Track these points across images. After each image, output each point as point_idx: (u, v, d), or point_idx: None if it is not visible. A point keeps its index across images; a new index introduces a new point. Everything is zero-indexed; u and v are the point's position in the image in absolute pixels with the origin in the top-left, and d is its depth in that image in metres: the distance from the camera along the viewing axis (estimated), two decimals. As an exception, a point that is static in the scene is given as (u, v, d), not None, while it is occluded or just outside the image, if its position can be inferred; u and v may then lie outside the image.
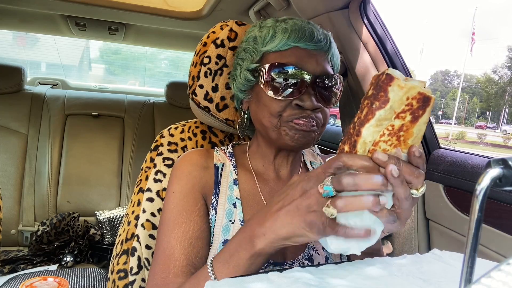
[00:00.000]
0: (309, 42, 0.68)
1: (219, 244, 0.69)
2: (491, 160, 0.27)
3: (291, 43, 0.68)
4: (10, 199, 1.85)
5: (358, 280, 0.45)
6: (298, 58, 0.68)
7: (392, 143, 0.42)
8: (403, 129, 0.41)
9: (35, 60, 5.43)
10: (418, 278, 0.46)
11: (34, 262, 1.73)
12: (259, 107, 0.72)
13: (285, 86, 0.67)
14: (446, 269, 0.50)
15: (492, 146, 29.68)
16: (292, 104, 0.67)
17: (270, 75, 0.68)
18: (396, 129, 0.41)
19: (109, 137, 2.10)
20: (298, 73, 0.67)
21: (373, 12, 1.20)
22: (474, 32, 34.88)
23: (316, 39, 0.68)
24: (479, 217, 0.26)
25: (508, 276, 0.22)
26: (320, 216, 0.45)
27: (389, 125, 0.41)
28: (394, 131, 0.42)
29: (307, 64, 0.68)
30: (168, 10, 1.85)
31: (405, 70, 1.21)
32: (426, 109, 0.41)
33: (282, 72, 0.67)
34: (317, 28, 0.71)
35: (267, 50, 0.70)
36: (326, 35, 0.71)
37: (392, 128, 0.42)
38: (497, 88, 55.90)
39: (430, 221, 1.18)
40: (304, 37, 0.68)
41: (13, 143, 1.91)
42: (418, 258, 0.52)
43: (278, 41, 0.69)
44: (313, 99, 0.66)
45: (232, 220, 0.71)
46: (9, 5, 1.93)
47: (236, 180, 0.75)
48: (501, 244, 0.92)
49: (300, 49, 0.68)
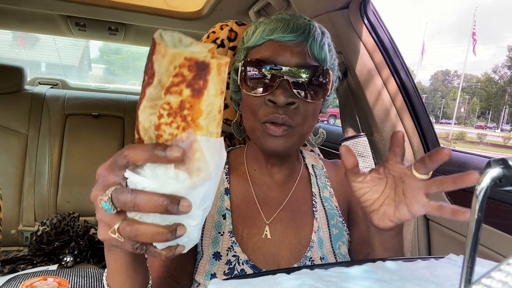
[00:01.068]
0: (282, 33, 0.65)
1: (209, 256, 0.68)
2: (491, 160, 0.27)
3: (265, 37, 0.66)
4: (10, 199, 1.85)
5: (368, 283, 0.43)
6: (272, 52, 0.65)
7: (178, 125, 0.33)
8: (186, 106, 0.33)
9: (35, 60, 5.43)
10: (431, 282, 0.44)
11: (34, 262, 1.73)
12: (243, 107, 0.71)
13: (258, 82, 0.65)
14: (460, 274, 0.49)
15: (492, 146, 29.68)
16: (266, 101, 0.64)
17: (245, 72, 0.66)
18: (176, 107, 0.33)
19: (109, 137, 2.10)
20: (270, 68, 0.64)
21: (373, 12, 1.20)
22: (474, 32, 34.87)
23: (290, 29, 0.64)
24: (479, 217, 0.26)
25: (508, 276, 0.22)
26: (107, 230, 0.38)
27: (164, 103, 0.33)
28: (173, 110, 0.33)
29: (280, 57, 0.64)
30: (168, 10, 1.85)
31: (405, 70, 1.21)
32: (207, 77, 0.32)
33: (254, 67, 0.65)
34: (298, 18, 0.67)
35: (247, 46, 0.69)
36: (305, 25, 0.66)
37: (169, 107, 0.33)
38: (497, 88, 55.89)
39: (430, 221, 1.18)
40: (278, 29, 0.65)
41: (13, 143, 1.91)
42: (432, 263, 0.51)
43: (255, 36, 0.67)
44: (286, 93, 0.62)
45: (221, 232, 0.69)
46: (9, 5, 1.93)
47: (227, 190, 0.73)
48: (501, 244, 0.92)
49: (273, 42, 0.65)
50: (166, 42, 0.33)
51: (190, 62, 0.31)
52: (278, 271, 0.46)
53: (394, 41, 1.22)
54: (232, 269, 0.66)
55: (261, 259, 0.68)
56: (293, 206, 0.74)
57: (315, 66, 0.65)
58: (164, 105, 0.33)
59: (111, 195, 0.35)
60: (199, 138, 0.33)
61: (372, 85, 1.20)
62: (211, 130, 0.34)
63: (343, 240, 0.75)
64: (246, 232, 0.70)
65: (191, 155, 0.34)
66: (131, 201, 0.34)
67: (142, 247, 0.37)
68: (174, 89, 0.32)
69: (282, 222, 0.72)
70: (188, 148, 0.33)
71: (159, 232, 0.35)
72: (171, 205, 0.33)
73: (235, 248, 0.68)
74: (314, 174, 0.81)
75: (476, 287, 0.23)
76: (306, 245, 0.71)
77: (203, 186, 0.35)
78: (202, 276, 0.67)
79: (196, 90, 0.32)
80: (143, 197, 0.34)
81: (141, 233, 0.35)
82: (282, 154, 0.71)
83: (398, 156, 0.51)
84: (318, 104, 0.69)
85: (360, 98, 1.25)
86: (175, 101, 0.33)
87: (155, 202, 0.33)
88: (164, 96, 0.33)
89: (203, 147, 0.34)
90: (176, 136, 0.34)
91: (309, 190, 0.78)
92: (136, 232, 0.35)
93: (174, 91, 0.32)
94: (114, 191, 0.35)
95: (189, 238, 0.38)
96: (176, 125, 0.33)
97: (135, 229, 0.35)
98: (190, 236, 0.37)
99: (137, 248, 0.37)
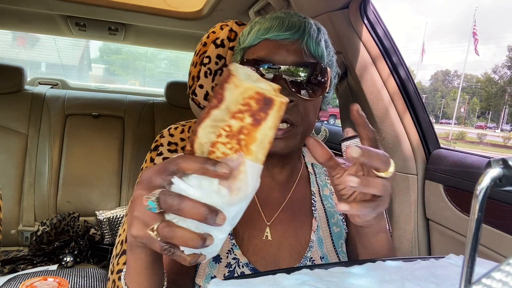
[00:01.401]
0: (277, 32, 0.64)
1: (209, 259, 0.67)
2: (491, 160, 0.27)
3: (260, 36, 0.65)
4: (10, 199, 1.85)
5: (368, 283, 0.43)
6: (268, 51, 0.64)
7: (232, 146, 0.38)
8: (244, 132, 0.37)
9: (35, 60, 5.43)
10: (431, 282, 0.44)
11: (34, 262, 1.73)
12: None
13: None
14: (460, 273, 0.49)
15: (492, 146, 29.68)
16: None
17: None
18: (235, 131, 0.38)
19: (109, 137, 2.10)
20: (268, 67, 0.63)
21: (373, 12, 1.20)
22: (475, 32, 34.87)
23: (285, 28, 0.64)
24: (479, 217, 0.26)
25: (508, 276, 0.22)
26: (143, 228, 0.40)
27: (225, 125, 0.38)
28: (232, 133, 0.38)
29: (276, 56, 0.64)
30: (168, 10, 1.85)
31: (405, 70, 1.21)
32: (268, 111, 0.37)
33: (251, 68, 0.63)
34: (295, 17, 0.66)
35: (243, 46, 0.68)
36: (300, 22, 0.65)
37: (229, 130, 0.38)
38: (497, 88, 55.90)
39: (430, 221, 1.18)
40: (273, 28, 0.64)
41: (13, 143, 1.91)
42: (432, 263, 0.51)
43: (251, 36, 0.66)
44: (284, 93, 0.59)
45: None
46: (9, 5, 1.93)
47: None
48: (501, 244, 0.92)
49: (269, 41, 0.65)
50: (239, 75, 0.37)
51: (259, 96, 0.37)
52: (278, 271, 0.46)
53: (394, 41, 1.22)
54: (232, 272, 0.66)
55: (261, 261, 0.68)
56: (293, 206, 0.73)
57: (312, 64, 0.65)
58: (226, 127, 0.38)
59: (159, 196, 0.38)
60: (247, 162, 0.38)
61: (372, 85, 1.20)
62: (259, 157, 0.38)
63: (344, 238, 0.75)
64: (246, 234, 0.69)
65: (236, 174, 0.38)
66: (177, 204, 0.37)
67: (170, 249, 0.39)
68: (239, 115, 0.37)
69: (283, 223, 0.71)
70: (235, 168, 0.38)
71: (192, 238, 0.37)
72: (210, 216, 0.36)
73: (235, 251, 0.68)
74: (314, 173, 0.80)
75: (476, 287, 0.23)
76: (306, 246, 0.70)
77: (238, 204, 0.39)
78: (202, 279, 0.67)
79: (256, 120, 0.37)
80: (188, 203, 0.37)
81: (177, 236, 0.37)
82: (281, 155, 0.70)
83: (365, 140, 0.49)
84: (317, 102, 0.69)
85: (360, 98, 1.25)
86: (237, 125, 0.37)
87: (198, 210, 0.36)
88: (228, 120, 0.38)
89: (248, 170, 0.38)
90: (227, 155, 0.38)
91: (309, 189, 0.77)
92: (172, 234, 0.37)
93: (238, 117, 0.37)
94: (162, 193, 0.38)
95: (212, 249, 0.41)
96: (230, 146, 0.38)
97: (173, 231, 0.38)
98: (214, 248, 0.41)
99: (166, 249, 0.39)
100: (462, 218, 1.05)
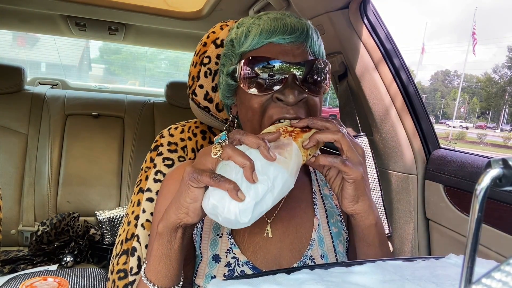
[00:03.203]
0: (282, 35, 0.64)
1: (209, 259, 0.68)
2: (491, 160, 0.27)
3: (264, 40, 0.64)
4: (10, 199, 1.85)
5: (368, 283, 0.43)
6: (273, 54, 0.64)
7: (285, 136, 0.57)
8: (295, 132, 0.58)
9: (35, 60, 5.43)
10: (431, 282, 0.44)
11: (34, 262, 1.73)
12: (243, 108, 0.69)
13: (263, 80, 0.64)
14: (460, 273, 0.49)
15: (492, 146, 29.69)
16: (274, 99, 0.64)
17: (247, 71, 0.64)
18: (289, 130, 0.58)
19: (109, 137, 2.10)
20: (278, 65, 0.63)
21: (373, 12, 1.20)
22: (474, 32, 34.87)
23: (289, 31, 0.64)
24: (479, 217, 0.26)
25: (508, 276, 0.22)
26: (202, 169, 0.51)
27: (284, 126, 0.60)
28: (287, 131, 0.57)
29: (285, 57, 0.64)
30: (168, 10, 1.85)
31: (405, 70, 1.21)
32: (302, 134, 0.58)
33: (258, 66, 0.64)
34: (292, 18, 0.67)
35: (243, 50, 0.67)
36: (302, 25, 0.66)
37: (285, 129, 0.58)
38: (497, 88, 55.94)
39: (430, 221, 1.18)
40: (277, 31, 0.64)
41: (13, 143, 1.91)
42: (432, 263, 0.51)
43: (251, 40, 0.65)
44: (295, 92, 0.61)
45: (220, 234, 0.69)
46: (9, 5, 1.93)
47: None
48: (501, 244, 0.92)
49: (274, 45, 0.64)
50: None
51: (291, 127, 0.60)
52: (278, 271, 0.46)
53: (394, 41, 1.22)
54: (232, 271, 0.67)
55: (262, 259, 0.68)
56: (293, 203, 0.74)
57: (317, 61, 0.66)
58: (284, 127, 0.59)
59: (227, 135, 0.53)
60: (294, 145, 0.55)
61: (372, 85, 1.20)
62: (303, 150, 0.56)
63: (340, 239, 0.75)
64: (247, 232, 0.70)
65: (284, 148, 0.54)
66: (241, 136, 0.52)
67: (220, 180, 0.48)
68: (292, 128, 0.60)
69: (283, 220, 0.72)
70: (285, 145, 0.54)
71: (244, 164, 0.48)
72: (250, 164, 0.49)
73: (234, 250, 0.68)
74: (314, 172, 0.81)
75: (476, 287, 0.23)
76: (306, 243, 0.71)
77: (277, 169, 0.51)
78: (202, 280, 0.67)
79: (304, 131, 0.58)
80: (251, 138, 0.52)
81: (237, 154, 0.49)
82: None
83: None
84: (321, 98, 0.70)
85: (360, 98, 1.25)
86: (290, 129, 0.59)
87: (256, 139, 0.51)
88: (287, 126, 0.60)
89: (294, 150, 0.54)
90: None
91: (309, 188, 0.78)
92: (234, 153, 0.49)
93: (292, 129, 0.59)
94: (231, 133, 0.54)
95: (239, 206, 0.49)
96: (284, 135, 0.56)
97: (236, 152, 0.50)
98: (241, 205, 0.49)
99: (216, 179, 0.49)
100: (462, 218, 1.05)
